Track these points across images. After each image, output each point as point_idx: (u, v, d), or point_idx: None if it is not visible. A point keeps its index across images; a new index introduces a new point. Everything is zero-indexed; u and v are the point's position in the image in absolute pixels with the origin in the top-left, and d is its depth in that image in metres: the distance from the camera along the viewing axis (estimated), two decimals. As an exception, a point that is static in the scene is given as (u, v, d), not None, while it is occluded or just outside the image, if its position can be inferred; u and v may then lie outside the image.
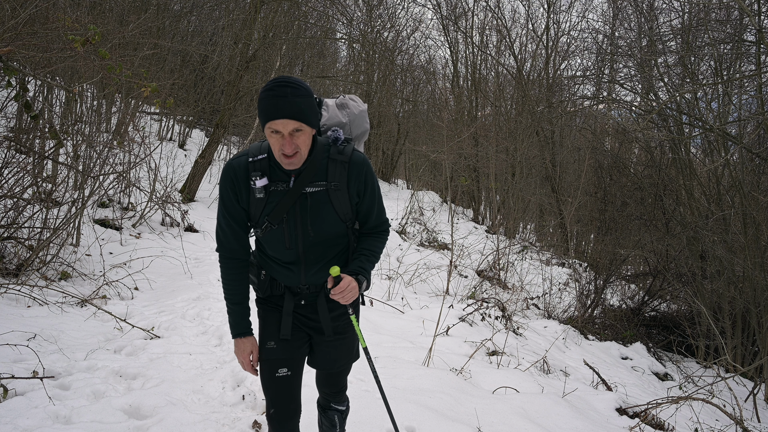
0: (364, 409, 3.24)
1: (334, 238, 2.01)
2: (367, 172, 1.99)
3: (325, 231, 1.96)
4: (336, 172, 1.93)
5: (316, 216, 1.94)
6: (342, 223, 1.99)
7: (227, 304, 2.07)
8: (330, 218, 1.95)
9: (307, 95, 1.80)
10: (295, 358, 2.08)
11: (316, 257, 2.00)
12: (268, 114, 1.76)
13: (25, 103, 4.11)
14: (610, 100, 13.90)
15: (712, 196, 8.79)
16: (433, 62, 24.29)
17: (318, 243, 1.98)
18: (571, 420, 3.61)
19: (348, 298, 1.93)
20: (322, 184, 1.93)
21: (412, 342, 5.00)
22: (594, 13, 31.97)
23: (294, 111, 1.75)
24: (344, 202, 1.96)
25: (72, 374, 3.46)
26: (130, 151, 7.91)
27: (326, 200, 1.94)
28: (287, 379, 2.05)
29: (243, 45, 12.14)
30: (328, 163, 1.94)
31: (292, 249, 1.96)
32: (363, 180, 1.98)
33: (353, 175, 1.96)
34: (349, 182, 1.96)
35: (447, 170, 15.44)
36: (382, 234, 2.13)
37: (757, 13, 6.81)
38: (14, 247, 5.36)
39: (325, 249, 2.00)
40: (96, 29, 3.90)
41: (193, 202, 11.14)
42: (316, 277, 2.03)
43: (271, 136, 1.80)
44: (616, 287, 9.64)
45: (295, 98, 1.76)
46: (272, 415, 2.07)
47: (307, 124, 1.81)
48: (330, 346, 2.14)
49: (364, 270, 2.01)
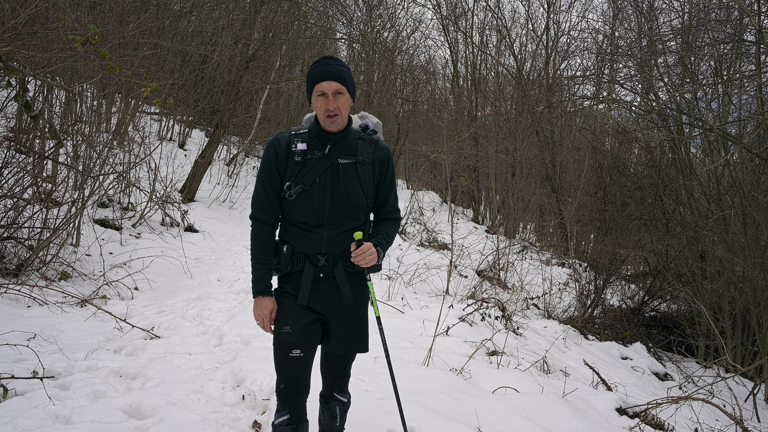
0: (364, 409, 3.24)
1: (356, 210, 2.22)
2: (389, 158, 2.31)
3: (350, 200, 2.20)
4: (365, 150, 2.25)
5: (346, 183, 2.20)
6: (364, 199, 2.24)
7: (253, 264, 2.26)
8: (356, 189, 2.21)
9: (348, 68, 2.17)
10: (309, 342, 2.21)
11: (338, 223, 2.21)
12: (315, 77, 2.12)
13: (25, 103, 4.11)
14: (610, 100, 13.90)
15: (712, 196, 8.79)
16: (433, 62, 24.33)
17: (342, 210, 2.20)
18: (571, 420, 3.61)
19: (368, 261, 2.15)
20: (352, 157, 2.22)
21: (412, 342, 5.00)
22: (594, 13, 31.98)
23: (337, 74, 2.11)
24: (369, 177, 2.24)
25: (72, 374, 3.46)
26: (130, 151, 7.91)
27: (354, 172, 2.22)
28: (300, 359, 2.18)
29: (243, 45, 12.15)
30: (358, 142, 2.26)
31: (319, 211, 2.19)
32: (386, 162, 2.29)
33: (378, 156, 2.27)
34: (374, 161, 2.26)
35: (447, 170, 15.44)
36: (396, 221, 2.39)
37: (757, 13, 6.81)
38: (14, 247, 5.36)
39: (347, 219, 2.22)
40: (96, 29, 3.90)
41: (193, 202, 11.14)
42: (334, 243, 2.21)
43: (317, 100, 2.14)
44: (616, 287, 9.64)
45: (338, 66, 2.13)
46: (281, 390, 2.20)
47: (347, 89, 2.14)
48: (344, 327, 2.26)
49: (380, 244, 2.25)
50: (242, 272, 7.07)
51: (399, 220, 2.41)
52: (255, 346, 4.27)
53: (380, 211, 2.36)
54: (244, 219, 11.71)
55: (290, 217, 2.24)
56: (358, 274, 2.30)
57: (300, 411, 2.23)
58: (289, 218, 2.25)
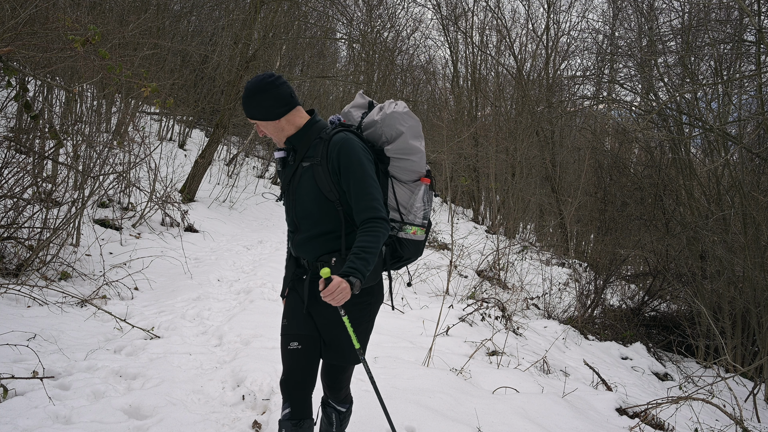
0: (363, 409, 3.24)
1: (319, 213, 2.17)
2: (341, 151, 2.11)
3: (307, 204, 2.18)
4: (318, 150, 2.17)
5: (301, 187, 2.19)
6: (327, 201, 2.16)
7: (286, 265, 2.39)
8: (312, 191, 2.16)
9: (261, 93, 2.11)
10: (304, 336, 2.22)
11: (305, 228, 2.22)
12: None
13: (25, 103, 4.11)
14: (610, 100, 13.90)
15: (712, 196, 8.79)
16: (433, 62, 24.33)
17: (304, 216, 2.20)
18: (571, 420, 3.61)
19: (338, 300, 1.93)
20: (310, 159, 2.18)
21: (412, 342, 5.00)
22: (594, 13, 32.00)
23: (249, 113, 2.16)
24: (325, 177, 2.14)
25: (72, 374, 3.46)
26: (130, 151, 7.90)
27: (311, 175, 2.17)
28: (298, 352, 2.21)
29: (243, 45, 12.15)
30: (317, 142, 2.19)
31: (290, 216, 2.27)
32: (337, 158, 2.11)
33: (329, 153, 2.15)
34: (328, 159, 2.14)
35: (447, 170, 15.44)
36: (371, 226, 2.06)
37: (757, 13, 6.81)
38: (14, 247, 5.36)
39: (311, 225, 2.20)
40: (96, 29, 3.89)
41: (193, 202, 11.14)
42: (304, 248, 2.23)
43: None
44: (616, 287, 9.64)
45: (248, 101, 2.13)
46: (281, 381, 2.25)
47: (261, 119, 2.16)
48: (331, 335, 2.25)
49: (355, 270, 1.97)
50: (242, 272, 7.07)
51: (377, 219, 2.07)
52: (255, 346, 4.27)
53: (355, 214, 2.11)
54: (244, 219, 11.71)
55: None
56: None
57: (302, 405, 2.19)
58: None
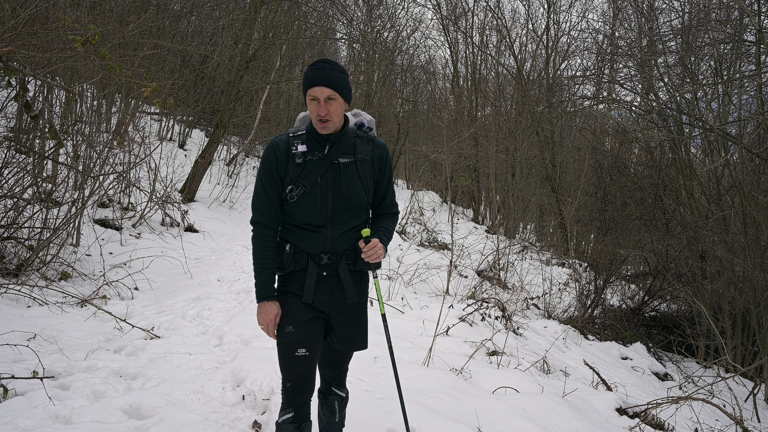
0: (363, 409, 3.24)
1: (357, 208, 2.25)
2: (387, 153, 2.34)
3: (352, 198, 2.22)
4: (363, 148, 2.27)
5: (348, 182, 2.22)
6: (365, 197, 2.26)
7: (256, 268, 2.24)
8: (357, 187, 2.23)
9: (342, 72, 2.13)
10: (313, 340, 2.22)
11: (341, 222, 2.23)
12: (308, 82, 2.11)
13: (25, 103, 4.11)
14: (610, 100, 13.90)
15: (712, 196, 8.79)
16: (433, 62, 24.33)
17: (344, 209, 2.22)
18: (571, 420, 3.61)
19: (377, 255, 2.19)
20: (351, 156, 2.24)
21: (412, 342, 5.00)
22: (594, 13, 32.02)
23: (329, 80, 2.08)
24: (369, 174, 2.27)
25: (72, 374, 3.46)
26: (130, 151, 7.90)
27: (354, 170, 2.24)
28: (305, 358, 2.20)
29: (243, 45, 12.15)
30: (356, 141, 2.27)
31: (323, 211, 2.20)
32: (384, 159, 2.31)
33: (376, 153, 2.29)
34: (373, 158, 2.28)
35: (447, 170, 15.44)
36: (394, 215, 2.43)
37: (757, 13, 6.81)
38: (14, 247, 5.36)
39: (349, 217, 2.24)
40: (96, 29, 3.89)
41: (193, 202, 11.14)
42: (338, 242, 2.23)
43: (310, 103, 2.13)
44: (616, 287, 9.64)
45: (331, 71, 2.09)
46: (288, 389, 2.23)
47: (340, 94, 2.11)
48: (346, 325, 2.30)
49: (383, 241, 2.27)
50: (242, 272, 7.07)
51: (397, 214, 2.44)
52: (255, 346, 4.27)
53: (379, 207, 2.39)
54: (244, 219, 11.71)
55: (292, 219, 2.24)
56: (359, 272, 2.33)
57: (304, 409, 2.25)
58: (291, 219, 2.25)
